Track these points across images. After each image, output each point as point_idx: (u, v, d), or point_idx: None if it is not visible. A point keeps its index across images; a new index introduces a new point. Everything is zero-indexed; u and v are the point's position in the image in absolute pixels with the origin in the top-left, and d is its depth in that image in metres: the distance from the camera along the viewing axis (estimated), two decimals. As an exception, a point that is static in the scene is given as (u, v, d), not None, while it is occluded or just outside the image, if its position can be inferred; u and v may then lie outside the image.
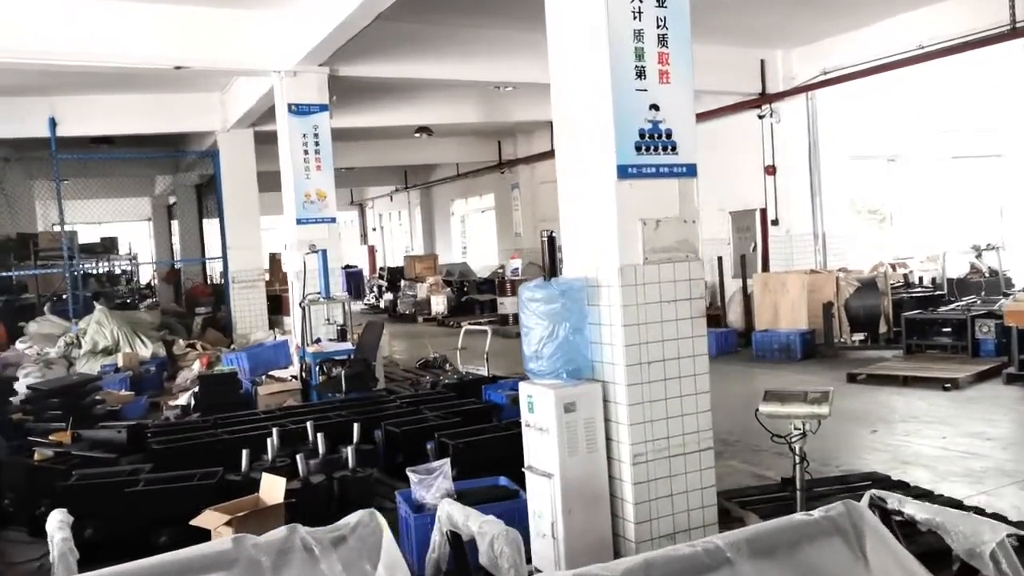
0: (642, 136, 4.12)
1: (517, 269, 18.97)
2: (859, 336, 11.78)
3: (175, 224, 21.77)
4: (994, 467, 6.13)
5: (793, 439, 4.32)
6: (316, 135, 10.12)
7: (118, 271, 19.45)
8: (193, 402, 9.02)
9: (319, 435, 6.03)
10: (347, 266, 33.40)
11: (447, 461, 5.04)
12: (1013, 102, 15.69)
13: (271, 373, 10.13)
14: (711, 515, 4.33)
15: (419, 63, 10.85)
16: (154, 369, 10.84)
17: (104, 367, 10.86)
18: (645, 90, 4.12)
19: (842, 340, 11.45)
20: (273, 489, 5.04)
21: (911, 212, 15.66)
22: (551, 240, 13.10)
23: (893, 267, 14.64)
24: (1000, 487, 5.69)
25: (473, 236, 26.31)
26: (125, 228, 24.52)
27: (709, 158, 15.80)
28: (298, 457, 5.52)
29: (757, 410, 4.42)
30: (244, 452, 5.66)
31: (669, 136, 4.19)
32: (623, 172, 4.08)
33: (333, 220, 10.29)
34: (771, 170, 13.92)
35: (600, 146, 4.12)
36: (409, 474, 5.00)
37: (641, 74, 4.11)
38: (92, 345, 11.86)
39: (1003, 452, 6.49)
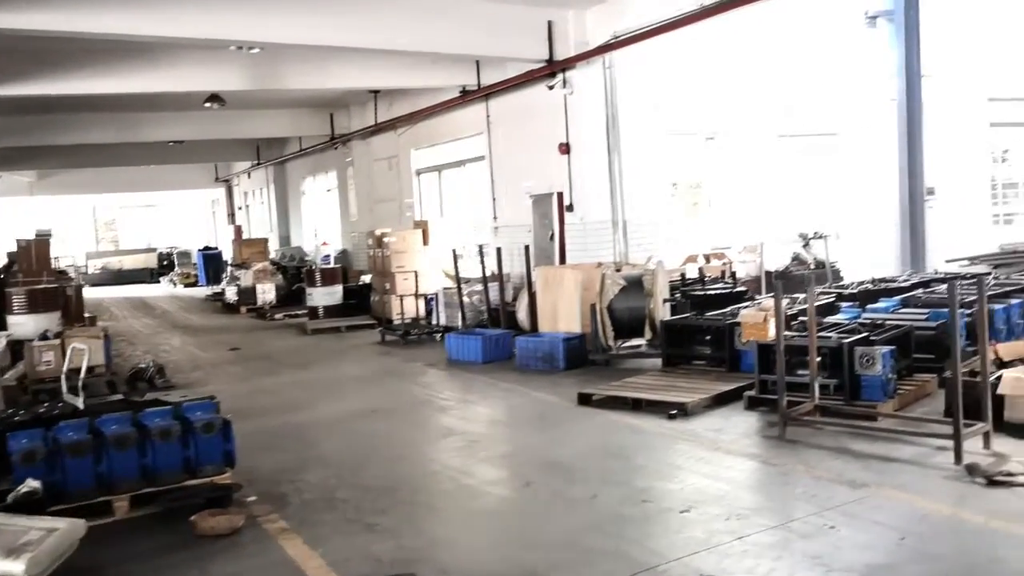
0: None
1: (328, 257, 17.09)
2: (637, 341, 10.21)
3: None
4: (566, 538, 4.52)
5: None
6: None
7: None
8: None
9: None
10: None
11: None
12: (849, 76, 14.28)
13: None
14: None
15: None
16: None
17: None
18: None
19: (608, 346, 9.87)
20: None
21: (733, 197, 14.10)
22: None
23: (707, 258, 13.14)
24: None
25: (323, 217, 24.31)
26: None
27: (509, 134, 14.26)
28: None
29: None
30: None
31: None
32: None
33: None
34: (565, 148, 12.25)
35: None
36: None
37: None
38: None
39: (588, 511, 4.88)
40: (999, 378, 6.25)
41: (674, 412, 7.34)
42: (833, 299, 9.85)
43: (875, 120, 14.25)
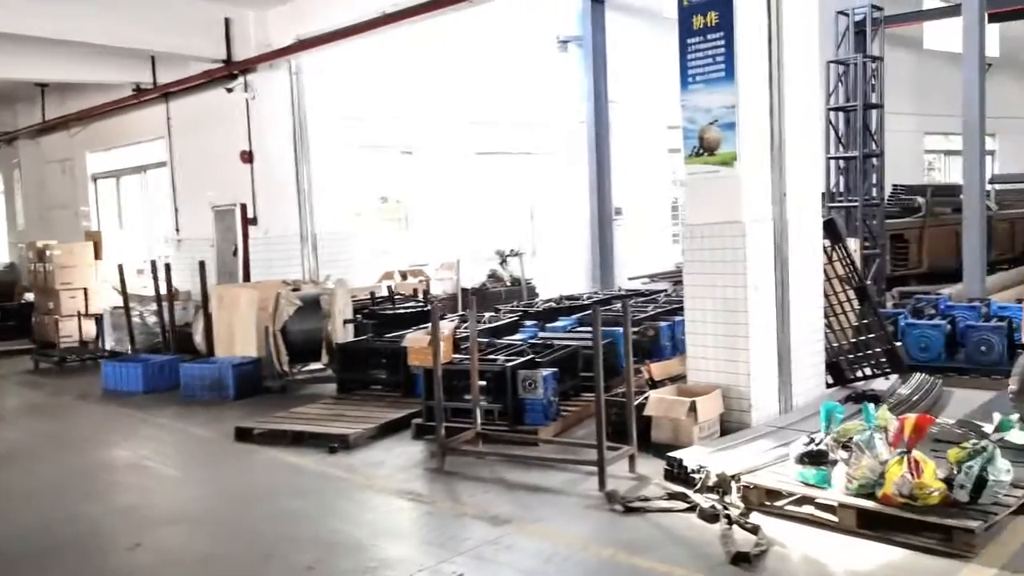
0: None
1: (-22, 272, 14.82)
2: (317, 365, 9.57)
3: None
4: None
5: None
6: None
7: None
8: None
9: None
10: None
11: None
12: (544, 97, 14.63)
13: None
14: None
15: None
16: None
17: None
18: None
19: (283, 371, 9.14)
20: None
21: (433, 213, 13.91)
22: None
23: (404, 276, 12.80)
24: None
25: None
26: None
27: (192, 140, 13.08)
28: None
29: None
30: None
31: None
32: None
33: None
34: (247, 157, 11.35)
35: None
36: None
37: None
38: None
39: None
40: (647, 398, 6.32)
41: (335, 446, 6.77)
42: (519, 317, 9.82)
43: (568, 141, 14.69)
